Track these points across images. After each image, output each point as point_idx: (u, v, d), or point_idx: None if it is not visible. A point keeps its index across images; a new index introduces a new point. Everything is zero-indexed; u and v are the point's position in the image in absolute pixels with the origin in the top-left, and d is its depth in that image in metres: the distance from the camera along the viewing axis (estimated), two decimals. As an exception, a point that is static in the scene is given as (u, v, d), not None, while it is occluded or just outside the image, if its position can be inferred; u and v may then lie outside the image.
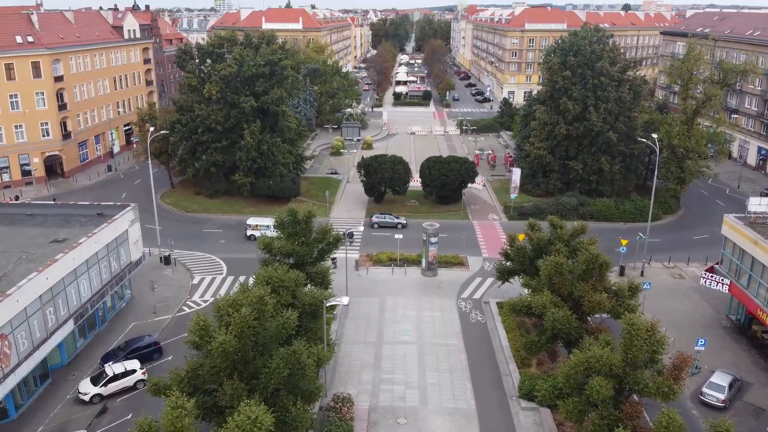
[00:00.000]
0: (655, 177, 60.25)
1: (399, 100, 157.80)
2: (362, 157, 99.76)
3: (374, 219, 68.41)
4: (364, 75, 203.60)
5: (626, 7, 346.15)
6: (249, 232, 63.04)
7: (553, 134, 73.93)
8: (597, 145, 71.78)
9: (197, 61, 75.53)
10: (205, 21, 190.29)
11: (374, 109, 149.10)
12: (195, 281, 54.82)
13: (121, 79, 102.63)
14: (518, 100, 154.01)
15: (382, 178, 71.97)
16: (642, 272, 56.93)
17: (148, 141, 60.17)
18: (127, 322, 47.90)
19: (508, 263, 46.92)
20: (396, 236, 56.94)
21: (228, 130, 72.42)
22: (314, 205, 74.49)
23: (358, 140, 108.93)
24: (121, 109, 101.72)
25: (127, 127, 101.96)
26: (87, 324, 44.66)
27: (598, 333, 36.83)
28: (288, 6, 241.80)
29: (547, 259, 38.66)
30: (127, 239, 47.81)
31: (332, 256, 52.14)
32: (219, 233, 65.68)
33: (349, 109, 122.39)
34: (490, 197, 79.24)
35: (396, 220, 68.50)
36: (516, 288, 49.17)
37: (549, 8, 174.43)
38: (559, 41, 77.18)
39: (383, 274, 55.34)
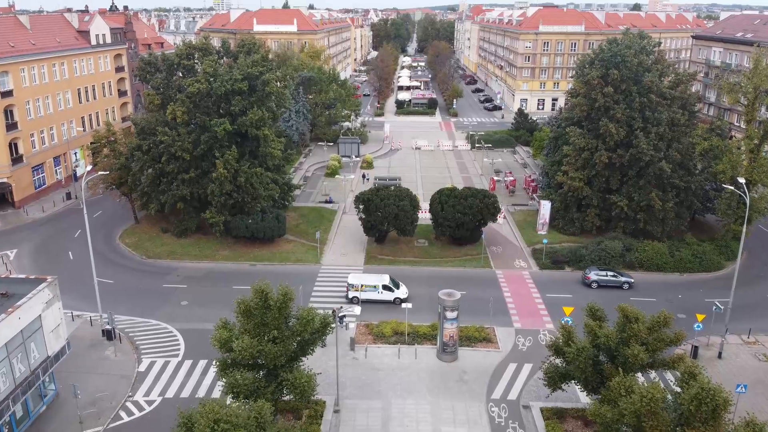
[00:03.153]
0: (744, 231, 46.74)
1: (402, 108, 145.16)
2: (362, 174, 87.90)
3: (593, 276, 54.40)
4: (364, 79, 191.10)
5: (636, 7, 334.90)
6: (351, 294, 50.39)
7: (591, 162, 61.28)
8: (646, 176, 59.08)
9: (163, 74, 62.81)
10: (193, 22, 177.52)
11: (375, 119, 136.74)
12: (142, 368, 42.15)
13: (87, 91, 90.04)
14: (531, 108, 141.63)
15: (385, 216, 59.36)
16: (720, 353, 44.24)
17: (84, 182, 47.47)
18: (42, 438, 35.41)
19: (558, 360, 34.35)
20: (403, 305, 44.20)
21: (198, 158, 59.86)
22: (303, 246, 62.33)
23: (357, 158, 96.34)
24: (87, 125, 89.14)
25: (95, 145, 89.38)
26: (-20, 450, 32.23)
27: None
28: (285, 6, 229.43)
29: (633, 388, 26.13)
30: (40, 328, 35.25)
31: (340, 313, 39.85)
32: (182, 290, 53.00)
33: (347, 123, 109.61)
34: (513, 234, 66.55)
35: (622, 279, 54.43)
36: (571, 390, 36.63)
37: (565, 9, 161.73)
38: (597, 50, 64.39)
39: (387, 357, 42.63)
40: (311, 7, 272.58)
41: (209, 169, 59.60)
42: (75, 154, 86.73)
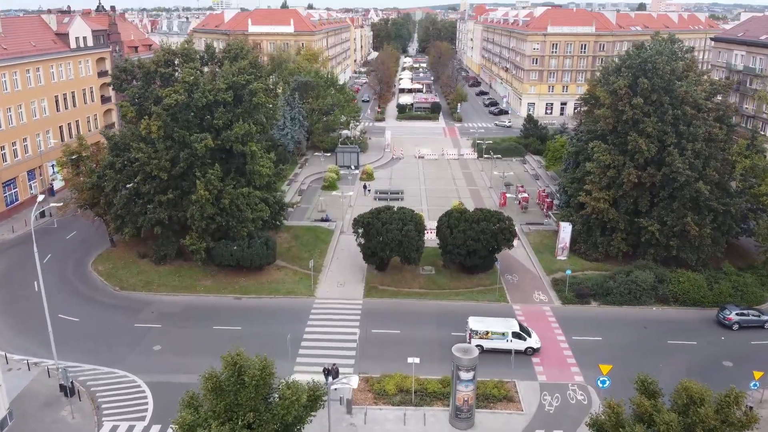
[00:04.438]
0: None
1: (403, 113, 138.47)
2: (363, 185, 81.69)
3: (734, 317, 47.52)
4: (364, 81, 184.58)
5: (642, 7, 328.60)
6: (475, 342, 43.07)
7: (618, 182, 54.79)
8: (680, 198, 52.57)
9: (139, 83, 56.35)
10: (186, 23, 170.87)
11: (376, 124, 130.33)
12: (102, 434, 35.82)
13: (66, 98, 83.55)
14: (539, 112, 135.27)
15: (387, 243, 52.81)
16: (779, 413, 37.77)
17: (33, 214, 40.85)
18: None
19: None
20: (410, 360, 37.64)
21: (177, 178, 53.45)
22: (295, 274, 55.91)
23: (357, 168, 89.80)
24: (65, 135, 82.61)
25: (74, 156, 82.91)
26: None
27: None
28: (284, 6, 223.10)
29: None
30: (-34, 401, 28.87)
31: (333, 385, 33.21)
32: (156, 332, 46.45)
33: (345, 131, 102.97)
34: (530, 259, 60.05)
35: (765, 318, 47.92)
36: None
37: (574, 9, 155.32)
38: (624, 56, 57.95)
39: (390, 423, 36.08)
40: (310, 6, 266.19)
41: (190, 189, 53.12)
42: (52, 166, 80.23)
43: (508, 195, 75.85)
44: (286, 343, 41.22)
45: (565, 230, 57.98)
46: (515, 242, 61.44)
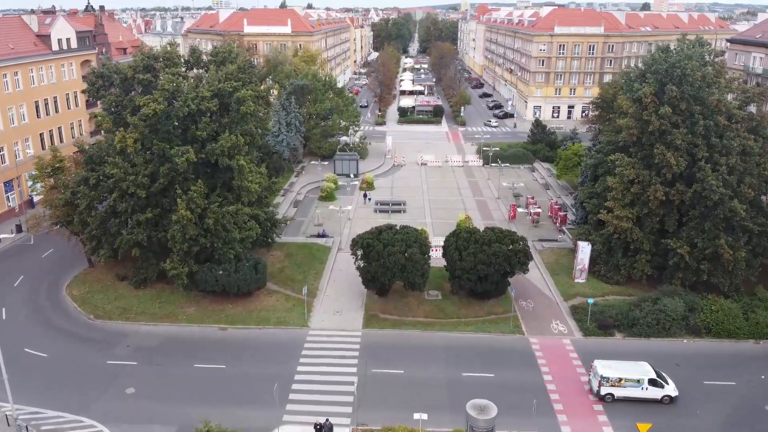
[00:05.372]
0: None
1: (405, 117, 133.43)
2: (364, 194, 76.80)
3: None
4: (364, 83, 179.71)
5: (646, 7, 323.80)
6: (605, 390, 38.33)
7: (643, 198, 49.81)
8: (713, 218, 47.61)
9: (117, 90, 51.38)
10: (181, 23, 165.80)
11: (376, 128, 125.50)
12: (58, 503, 30.92)
13: (47, 103, 78.62)
14: (545, 116, 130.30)
15: (389, 267, 47.76)
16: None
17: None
18: None
19: None
20: (416, 416, 32.63)
21: (156, 195, 48.48)
22: (288, 300, 50.96)
23: (355, 181, 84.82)
24: (46, 143, 77.57)
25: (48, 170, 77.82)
26: None
27: None
28: (283, 6, 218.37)
29: None
30: None
31: None
32: (130, 370, 41.40)
33: (344, 137, 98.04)
34: (545, 281, 54.98)
35: None
36: None
37: (582, 8, 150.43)
38: (648, 61, 53.02)
39: (394, 489, 31.27)
40: (309, 6, 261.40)
41: (171, 207, 48.13)
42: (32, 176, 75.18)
43: (518, 209, 70.80)
44: (273, 388, 36.27)
45: (584, 250, 53.03)
46: (528, 262, 56.52)
